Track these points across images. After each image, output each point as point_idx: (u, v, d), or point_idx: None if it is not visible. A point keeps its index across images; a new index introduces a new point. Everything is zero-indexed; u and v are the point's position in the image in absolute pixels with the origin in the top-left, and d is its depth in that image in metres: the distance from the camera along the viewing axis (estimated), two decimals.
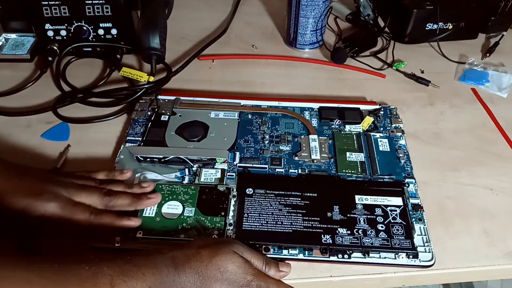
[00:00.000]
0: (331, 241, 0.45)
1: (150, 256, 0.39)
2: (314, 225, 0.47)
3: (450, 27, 0.75)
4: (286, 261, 0.44)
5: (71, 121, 0.60)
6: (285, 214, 0.48)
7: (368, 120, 0.59)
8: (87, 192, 0.45)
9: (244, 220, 0.47)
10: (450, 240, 0.48)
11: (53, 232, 0.44)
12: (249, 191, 0.50)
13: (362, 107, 0.62)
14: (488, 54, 0.74)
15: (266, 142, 0.56)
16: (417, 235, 0.46)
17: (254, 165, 0.53)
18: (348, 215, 0.48)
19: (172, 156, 0.53)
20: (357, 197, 0.49)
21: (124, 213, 0.46)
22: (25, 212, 0.42)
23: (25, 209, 0.42)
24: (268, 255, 0.44)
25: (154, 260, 0.39)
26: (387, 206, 0.49)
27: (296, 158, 0.54)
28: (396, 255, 0.45)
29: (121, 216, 0.46)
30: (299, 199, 0.49)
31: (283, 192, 0.50)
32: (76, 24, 0.67)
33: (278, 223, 0.47)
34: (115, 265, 0.37)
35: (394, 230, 0.47)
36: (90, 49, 0.70)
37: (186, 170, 0.52)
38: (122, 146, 0.55)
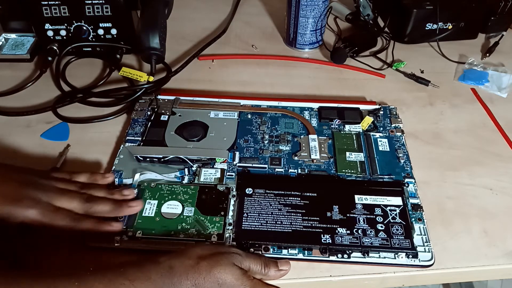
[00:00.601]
0: (330, 241, 0.45)
1: (144, 267, 0.38)
2: (313, 225, 0.47)
3: (450, 27, 0.75)
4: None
5: (71, 121, 0.60)
6: (285, 214, 0.48)
7: (368, 120, 0.59)
8: (67, 197, 0.44)
9: (243, 220, 0.47)
10: (450, 240, 0.48)
11: (37, 239, 0.42)
12: (249, 191, 0.50)
13: (362, 107, 0.62)
14: (488, 54, 0.74)
15: (266, 142, 0.56)
16: (417, 234, 0.46)
17: (253, 165, 0.53)
18: (348, 215, 0.48)
19: (171, 156, 0.53)
20: (356, 197, 0.49)
21: (106, 218, 0.45)
22: (5, 220, 0.41)
23: (4, 216, 0.41)
24: (268, 255, 0.44)
25: (148, 273, 0.38)
26: (386, 206, 0.49)
27: (296, 158, 0.54)
28: (396, 255, 0.45)
29: (101, 221, 0.45)
30: (299, 199, 0.49)
31: (283, 192, 0.50)
32: (76, 24, 0.67)
33: (277, 223, 0.47)
34: (106, 279, 0.36)
35: (393, 230, 0.46)
36: (90, 49, 0.70)
37: (186, 170, 0.52)
38: (122, 146, 0.55)
